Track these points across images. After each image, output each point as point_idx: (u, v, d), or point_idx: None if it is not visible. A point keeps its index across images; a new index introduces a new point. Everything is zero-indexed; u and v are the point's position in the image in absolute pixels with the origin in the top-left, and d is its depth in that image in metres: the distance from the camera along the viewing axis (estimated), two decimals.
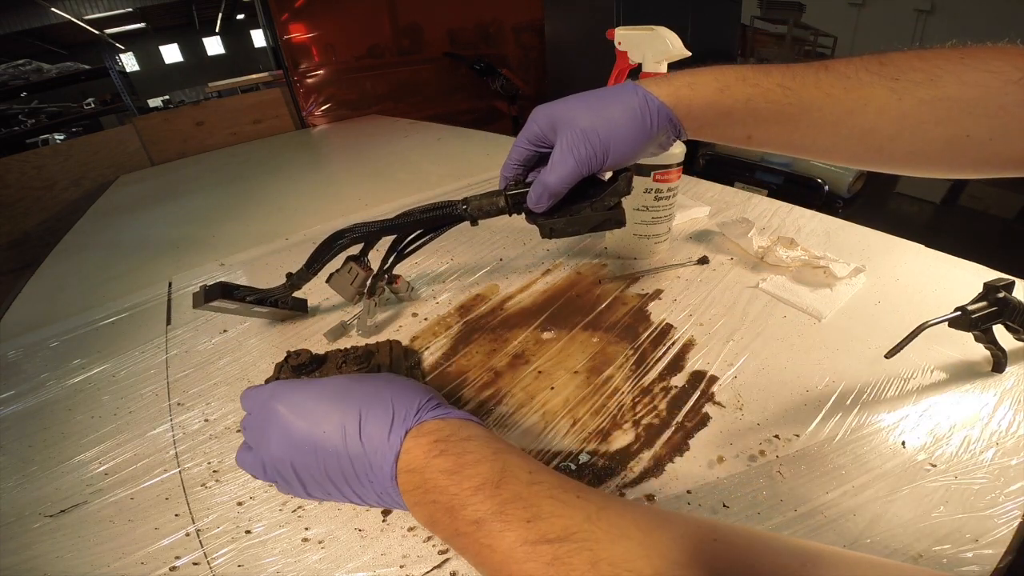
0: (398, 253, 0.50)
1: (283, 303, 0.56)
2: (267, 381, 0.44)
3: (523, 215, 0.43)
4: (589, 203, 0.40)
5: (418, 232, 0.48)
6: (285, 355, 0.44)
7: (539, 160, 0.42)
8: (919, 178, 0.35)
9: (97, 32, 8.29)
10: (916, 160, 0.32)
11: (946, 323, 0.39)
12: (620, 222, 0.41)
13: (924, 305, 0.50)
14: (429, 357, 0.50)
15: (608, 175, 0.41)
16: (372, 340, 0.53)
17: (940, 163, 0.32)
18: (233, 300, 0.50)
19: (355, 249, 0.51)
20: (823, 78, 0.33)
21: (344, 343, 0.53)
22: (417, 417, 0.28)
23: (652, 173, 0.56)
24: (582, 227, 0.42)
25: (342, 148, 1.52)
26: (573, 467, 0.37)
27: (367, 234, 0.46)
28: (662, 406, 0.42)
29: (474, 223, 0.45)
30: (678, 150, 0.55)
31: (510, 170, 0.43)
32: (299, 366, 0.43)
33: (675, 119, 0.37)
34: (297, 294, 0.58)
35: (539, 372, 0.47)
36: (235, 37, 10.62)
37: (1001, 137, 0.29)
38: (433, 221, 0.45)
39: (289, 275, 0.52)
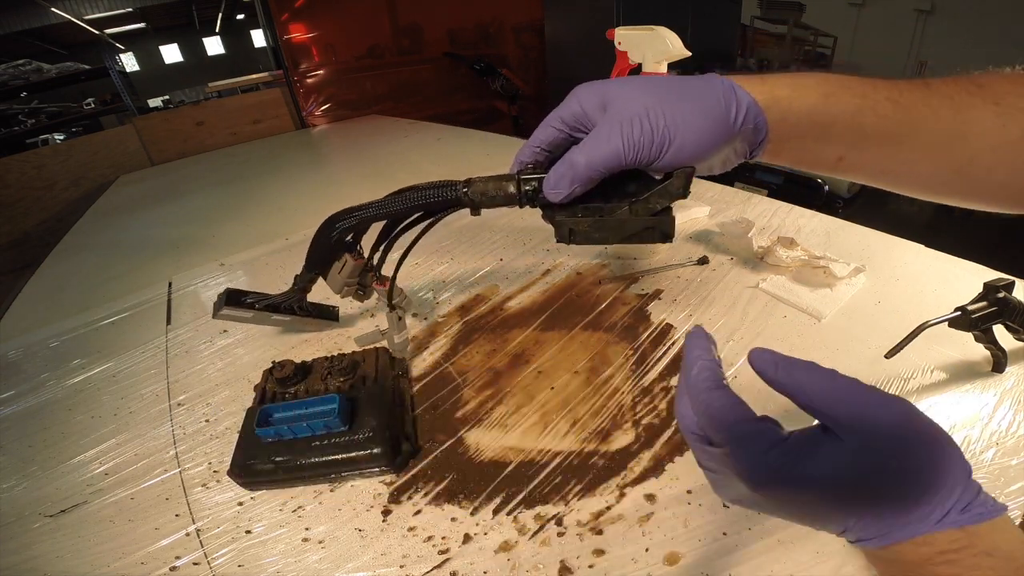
0: (389, 241, 0.44)
1: (301, 309, 0.51)
2: (255, 388, 0.44)
3: (538, 209, 0.35)
4: (629, 202, 0.32)
5: (410, 220, 0.42)
6: (271, 364, 0.44)
7: (570, 147, 0.33)
8: None
9: (97, 32, 8.29)
10: (1006, 195, 0.30)
11: (946, 323, 0.39)
12: (666, 234, 0.33)
13: (924, 305, 0.49)
14: (429, 357, 0.50)
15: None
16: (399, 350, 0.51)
17: None
18: (243, 308, 0.49)
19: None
20: (930, 96, 0.29)
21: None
22: (967, 510, 0.20)
23: None
24: (613, 234, 0.33)
25: (342, 148, 1.52)
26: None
27: (362, 219, 0.41)
28: (662, 406, 0.42)
29: (475, 211, 0.38)
30: None
31: (529, 153, 0.34)
32: (284, 379, 0.42)
33: (763, 123, 0.30)
34: (328, 301, 0.55)
35: (539, 372, 0.47)
36: (235, 37, 10.63)
37: None
38: (428, 204, 0.39)
39: (296, 277, 0.49)
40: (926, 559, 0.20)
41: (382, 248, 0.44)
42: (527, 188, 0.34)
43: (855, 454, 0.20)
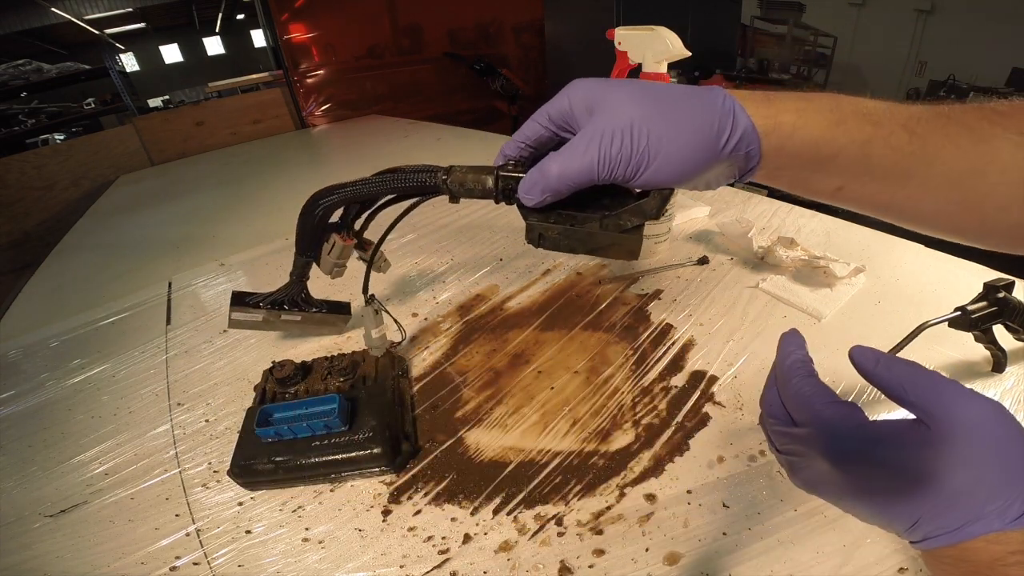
0: (371, 213, 0.44)
1: (307, 303, 0.50)
2: (255, 388, 0.44)
3: (516, 206, 0.35)
4: (600, 216, 0.31)
5: (390, 198, 0.42)
6: (271, 364, 0.44)
7: (556, 148, 0.32)
8: None
9: (97, 32, 8.29)
10: (1018, 235, 0.28)
11: (946, 323, 0.39)
12: (632, 252, 0.33)
13: (924, 305, 0.50)
14: (429, 357, 0.50)
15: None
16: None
17: None
18: (251, 308, 0.48)
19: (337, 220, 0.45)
20: (948, 125, 0.27)
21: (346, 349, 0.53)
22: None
23: None
24: (580, 245, 0.33)
25: (342, 148, 1.52)
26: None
27: (344, 197, 0.41)
28: (662, 406, 0.42)
29: (454, 199, 0.37)
30: None
31: (513, 148, 0.33)
32: (284, 379, 0.42)
33: (756, 151, 0.28)
34: (338, 297, 0.54)
35: (539, 372, 0.47)
36: (235, 37, 10.62)
37: None
38: (408, 188, 0.39)
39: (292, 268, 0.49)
40: (997, 558, 0.20)
41: (364, 217, 0.44)
42: (504, 185, 0.33)
43: (940, 443, 0.21)
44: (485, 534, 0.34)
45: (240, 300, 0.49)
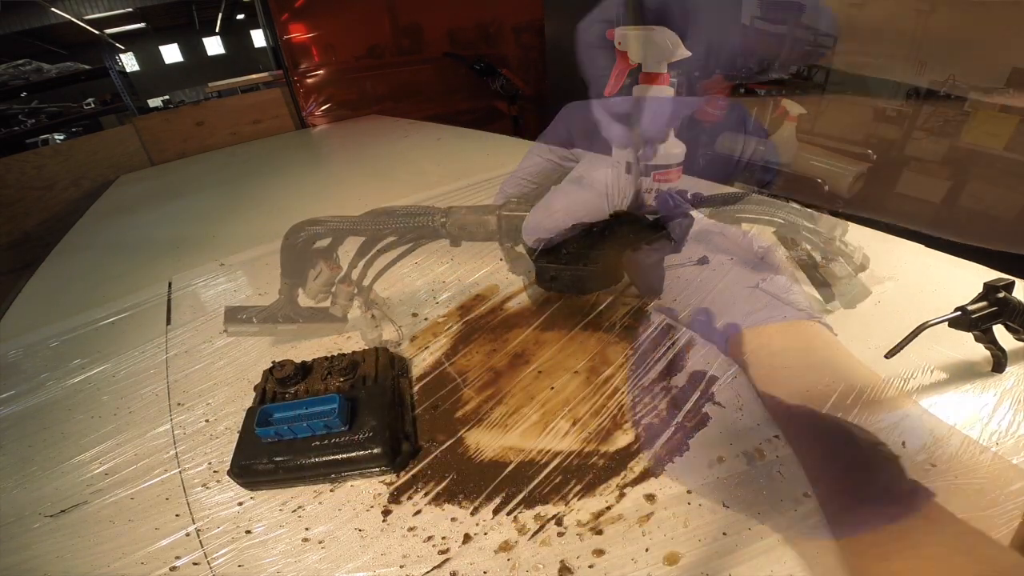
0: (368, 259, 0.44)
1: (298, 315, 0.51)
2: (255, 388, 0.44)
3: (523, 247, 0.33)
4: (617, 251, 0.29)
5: (389, 241, 0.40)
6: (271, 364, 0.44)
7: (560, 179, 0.30)
8: (919, 178, 0.33)
9: (97, 32, 8.29)
10: None
11: (946, 323, 0.39)
12: (655, 288, 0.30)
13: (924, 305, 0.49)
14: (429, 357, 0.50)
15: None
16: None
17: None
18: (244, 323, 0.49)
19: (325, 242, 0.46)
20: None
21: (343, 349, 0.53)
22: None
23: (652, 173, 0.56)
24: (598, 284, 0.30)
25: (342, 148, 1.52)
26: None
27: (330, 231, 0.41)
28: (662, 406, 0.42)
29: (455, 243, 0.36)
30: (678, 149, 0.55)
31: (514, 184, 0.31)
32: (284, 379, 0.42)
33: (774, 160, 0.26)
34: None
35: (539, 372, 0.47)
36: (235, 37, 10.63)
37: None
38: (403, 231, 0.37)
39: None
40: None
41: (361, 264, 0.44)
42: (508, 226, 0.32)
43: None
44: (485, 534, 0.34)
45: (233, 316, 0.49)
